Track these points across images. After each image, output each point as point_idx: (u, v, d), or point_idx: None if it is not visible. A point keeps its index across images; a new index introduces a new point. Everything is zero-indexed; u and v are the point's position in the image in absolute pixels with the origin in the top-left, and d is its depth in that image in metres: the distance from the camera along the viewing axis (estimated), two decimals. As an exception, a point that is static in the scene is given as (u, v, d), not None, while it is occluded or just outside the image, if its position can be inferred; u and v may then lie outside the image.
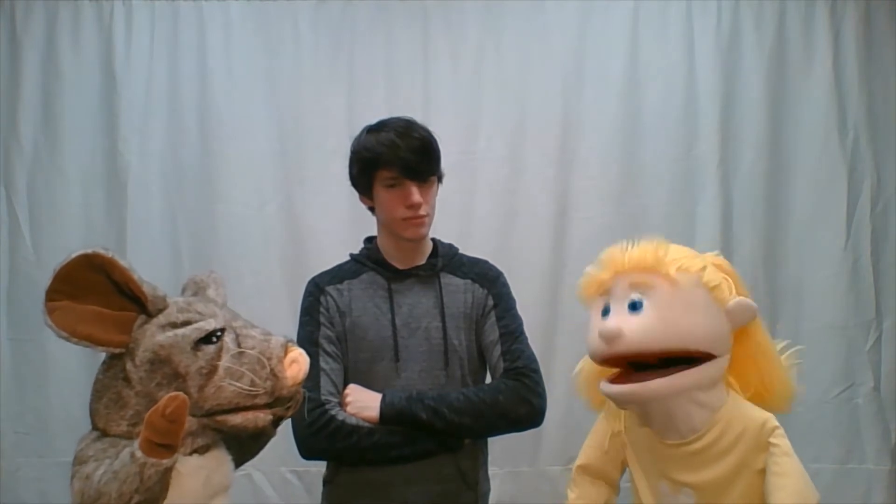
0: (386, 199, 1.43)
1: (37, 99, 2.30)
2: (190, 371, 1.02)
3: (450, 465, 1.40)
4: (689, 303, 1.07)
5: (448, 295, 1.47)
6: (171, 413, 0.92)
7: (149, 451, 0.94)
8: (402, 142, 1.39)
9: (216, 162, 2.29)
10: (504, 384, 1.40)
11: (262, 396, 1.03)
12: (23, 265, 2.25)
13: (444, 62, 2.32)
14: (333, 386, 1.39)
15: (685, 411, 1.09)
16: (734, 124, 2.27)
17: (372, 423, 1.35)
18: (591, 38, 2.29)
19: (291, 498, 2.22)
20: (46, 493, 2.18)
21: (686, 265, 1.09)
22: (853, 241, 2.23)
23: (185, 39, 2.31)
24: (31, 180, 2.29)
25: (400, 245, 1.48)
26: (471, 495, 1.43)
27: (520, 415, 1.40)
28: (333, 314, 1.44)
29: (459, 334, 1.46)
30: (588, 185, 2.27)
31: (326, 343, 1.42)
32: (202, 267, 2.23)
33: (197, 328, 1.04)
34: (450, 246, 1.56)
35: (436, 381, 1.42)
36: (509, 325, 1.47)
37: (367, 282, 1.47)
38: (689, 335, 1.06)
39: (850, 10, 2.26)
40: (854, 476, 2.16)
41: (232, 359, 1.02)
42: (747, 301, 1.10)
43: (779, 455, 1.06)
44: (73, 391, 2.13)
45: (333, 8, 2.33)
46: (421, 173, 1.41)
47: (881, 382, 2.20)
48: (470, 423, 1.37)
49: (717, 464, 1.09)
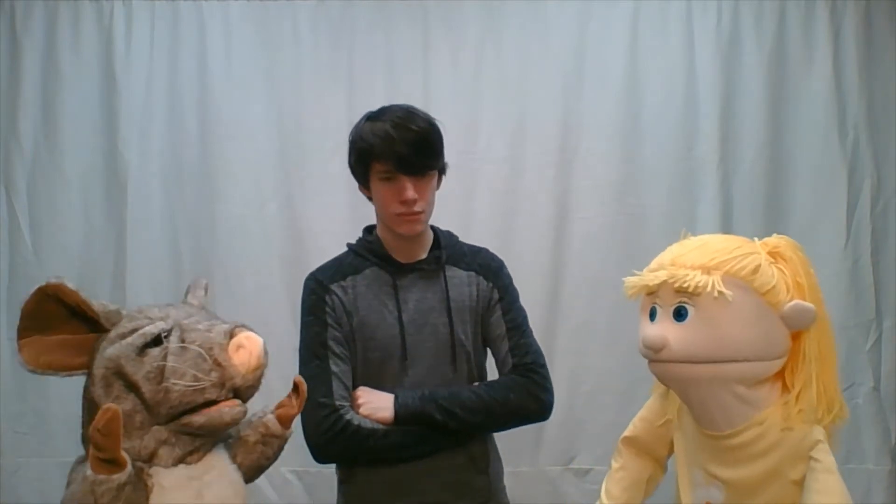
0: (380, 192, 1.39)
1: (37, 99, 2.30)
2: (139, 378, 0.99)
3: (461, 454, 1.41)
4: (737, 312, 1.01)
5: (453, 289, 1.44)
6: (104, 426, 0.89)
7: (97, 469, 0.92)
8: (398, 133, 1.33)
9: (216, 162, 2.29)
10: (514, 381, 1.40)
11: (211, 389, 0.99)
12: (23, 265, 2.25)
13: (444, 62, 2.32)
14: (345, 389, 1.37)
15: (723, 402, 1.05)
16: (734, 124, 2.26)
17: (386, 424, 1.34)
18: (591, 38, 2.29)
19: (291, 498, 2.22)
20: (46, 493, 2.18)
21: (735, 268, 1.02)
22: (853, 241, 2.24)
23: (185, 39, 2.31)
24: (31, 180, 2.29)
25: (400, 238, 1.44)
26: (483, 479, 1.44)
27: (530, 411, 1.40)
28: (340, 314, 1.40)
29: (466, 328, 1.44)
30: (588, 185, 2.27)
31: (335, 344, 1.39)
32: (202, 267, 2.24)
33: (141, 334, 1.01)
34: (449, 234, 1.53)
35: (443, 376, 1.41)
36: (515, 319, 1.46)
37: (371, 278, 1.44)
38: (737, 347, 1.02)
39: (850, 10, 2.26)
40: (854, 476, 2.15)
41: (174, 357, 0.99)
42: (803, 305, 1.03)
43: (820, 472, 1.00)
44: (73, 391, 2.11)
45: (333, 8, 2.33)
46: (416, 167, 1.36)
47: (881, 382, 2.20)
48: (482, 421, 1.38)
49: (751, 465, 1.06)
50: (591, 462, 2.23)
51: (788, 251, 1.08)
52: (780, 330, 1.04)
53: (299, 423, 1.27)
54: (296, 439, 1.28)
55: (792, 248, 1.09)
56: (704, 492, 1.12)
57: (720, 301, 1.00)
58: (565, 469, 2.26)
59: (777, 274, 1.05)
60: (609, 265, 2.20)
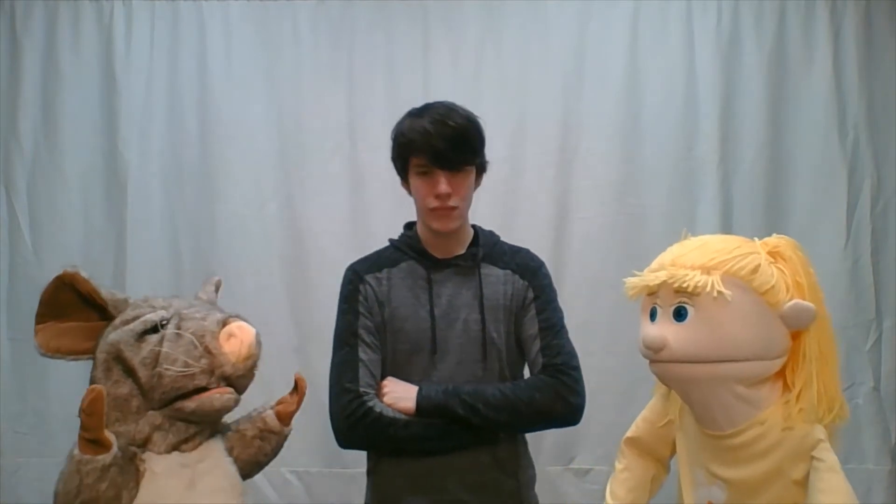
0: (417, 186, 1.42)
1: (37, 99, 2.31)
2: (135, 363, 1.02)
3: (486, 454, 1.40)
4: (737, 311, 1.01)
5: (487, 286, 1.44)
6: (88, 406, 0.92)
7: (83, 449, 0.95)
8: (435, 129, 1.36)
9: (216, 162, 2.29)
10: (542, 381, 1.38)
11: (201, 376, 1.02)
12: (23, 265, 2.26)
13: (444, 62, 2.32)
14: (371, 377, 1.38)
15: (723, 402, 1.05)
16: (734, 124, 2.26)
17: (408, 415, 1.35)
18: (591, 38, 2.29)
19: (291, 498, 2.22)
20: (46, 493, 2.14)
21: (734, 268, 1.02)
22: (853, 241, 2.23)
23: (185, 39, 2.31)
24: (31, 180, 2.29)
25: (437, 234, 1.45)
26: (511, 483, 1.43)
27: (556, 412, 1.37)
28: (372, 304, 1.43)
29: (498, 326, 1.43)
30: (588, 185, 2.27)
31: (365, 333, 1.41)
32: (202, 267, 2.24)
33: (143, 320, 1.05)
34: (491, 233, 1.54)
35: (473, 373, 1.41)
36: (550, 319, 1.44)
37: (407, 271, 1.46)
38: (737, 346, 1.02)
39: (850, 10, 2.26)
40: (854, 476, 2.12)
41: (169, 344, 1.02)
42: (803, 304, 1.03)
43: (824, 471, 1.00)
44: (73, 391, 2.11)
45: (333, 8, 2.33)
46: (451, 162, 1.38)
47: (881, 382, 2.20)
48: (506, 420, 1.36)
49: (753, 464, 1.05)
50: (591, 462, 2.24)
51: (788, 251, 1.08)
52: (780, 329, 1.04)
53: (299, 424, 1.27)
54: (297, 440, 1.28)
55: (792, 247, 1.09)
56: (706, 491, 1.12)
57: (719, 301, 1.01)
58: (565, 469, 2.26)
59: (776, 273, 1.04)
60: (609, 265, 2.20)
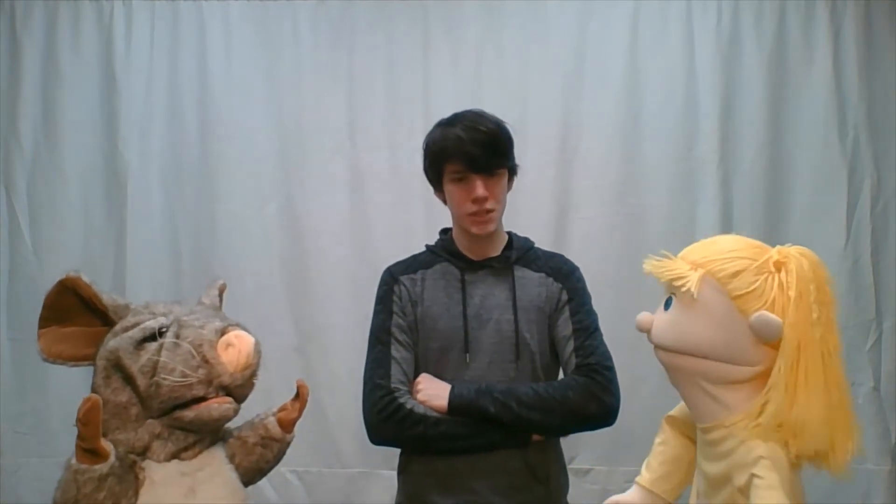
0: (453, 193, 1.44)
1: (37, 99, 2.31)
2: (134, 371, 1.01)
3: (517, 458, 1.39)
4: (703, 310, 1.04)
5: (521, 288, 1.46)
6: (84, 415, 0.91)
7: (80, 458, 0.94)
8: (468, 135, 1.40)
9: (216, 162, 2.29)
10: (575, 380, 1.38)
11: (199, 386, 1.01)
12: (23, 265, 2.26)
13: (444, 62, 2.31)
14: (404, 374, 1.40)
15: (693, 395, 1.09)
16: (734, 124, 2.26)
17: (440, 412, 1.35)
18: (591, 39, 2.29)
19: (291, 498, 2.22)
20: (46, 493, 2.14)
21: (715, 269, 1.03)
22: (853, 241, 2.23)
23: (185, 39, 2.31)
24: (31, 180, 2.29)
25: (472, 238, 1.48)
26: (542, 489, 1.42)
27: (590, 412, 1.37)
28: (406, 303, 1.46)
29: (531, 328, 1.44)
30: (588, 185, 2.27)
31: (398, 332, 1.44)
32: (202, 267, 2.24)
33: (142, 328, 1.03)
34: (525, 239, 1.56)
35: (505, 373, 1.41)
36: (584, 321, 1.45)
37: (441, 272, 1.49)
38: (696, 342, 1.04)
39: (850, 10, 2.26)
40: (854, 476, 2.15)
41: (167, 353, 1.01)
42: (768, 317, 0.99)
43: (763, 488, 0.97)
44: (73, 391, 2.12)
45: (333, 8, 2.33)
46: (487, 167, 1.41)
47: (881, 382, 2.20)
48: (539, 419, 1.35)
49: (716, 463, 1.07)
50: (592, 462, 2.24)
51: (794, 263, 1.05)
52: (749, 337, 1.02)
53: (300, 426, 1.26)
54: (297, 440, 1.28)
55: (801, 261, 1.06)
56: (698, 481, 1.15)
57: (689, 296, 1.04)
58: (565, 469, 2.26)
59: (764, 283, 1.02)
60: (609, 265, 2.19)
